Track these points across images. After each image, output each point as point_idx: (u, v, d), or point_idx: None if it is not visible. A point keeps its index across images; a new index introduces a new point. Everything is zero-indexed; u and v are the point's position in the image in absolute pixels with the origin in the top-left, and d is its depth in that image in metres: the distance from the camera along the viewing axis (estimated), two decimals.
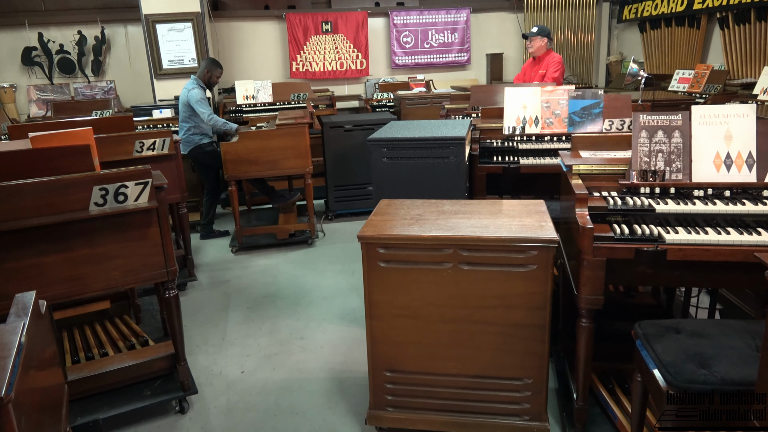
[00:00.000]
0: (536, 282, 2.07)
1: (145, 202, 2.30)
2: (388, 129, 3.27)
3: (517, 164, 3.34)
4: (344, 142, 5.35)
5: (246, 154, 4.53)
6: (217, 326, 3.50)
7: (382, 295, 2.19)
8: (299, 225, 4.91)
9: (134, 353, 2.70)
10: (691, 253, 1.92)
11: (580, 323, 2.10)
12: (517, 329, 2.13)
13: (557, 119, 3.62)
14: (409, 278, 2.16)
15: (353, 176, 5.45)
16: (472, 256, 2.09)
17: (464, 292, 2.13)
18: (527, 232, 2.06)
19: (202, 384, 2.86)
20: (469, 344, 2.19)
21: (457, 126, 3.25)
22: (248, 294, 3.95)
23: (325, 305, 3.70)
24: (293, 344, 3.24)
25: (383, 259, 2.15)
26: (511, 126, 3.65)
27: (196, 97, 4.80)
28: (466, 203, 2.49)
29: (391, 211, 2.41)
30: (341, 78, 7.77)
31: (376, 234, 2.13)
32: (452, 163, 2.96)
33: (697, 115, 2.23)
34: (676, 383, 1.49)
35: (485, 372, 2.21)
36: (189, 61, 6.64)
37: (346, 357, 3.07)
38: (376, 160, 3.03)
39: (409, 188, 3.02)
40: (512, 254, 2.06)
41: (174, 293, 2.49)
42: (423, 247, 2.11)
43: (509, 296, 2.10)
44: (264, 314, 3.63)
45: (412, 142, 2.96)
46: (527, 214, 2.30)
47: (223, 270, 4.43)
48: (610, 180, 2.35)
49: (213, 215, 5.20)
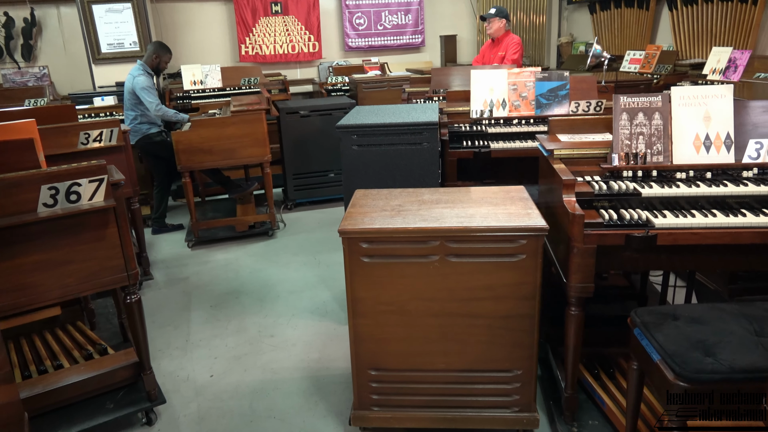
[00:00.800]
0: (526, 272, 2.01)
1: (101, 200, 2.09)
2: (355, 115, 3.13)
3: (488, 149, 3.27)
4: (302, 128, 5.16)
5: (200, 143, 4.29)
6: (180, 327, 3.30)
7: (365, 292, 2.08)
8: (259, 216, 4.71)
9: (93, 363, 2.49)
10: (680, 237, 1.90)
11: (570, 311, 2.06)
12: (506, 321, 2.07)
13: (524, 102, 3.58)
14: (395, 273, 2.05)
15: (312, 164, 5.28)
16: (459, 247, 2.00)
17: (452, 285, 2.05)
18: (515, 221, 1.99)
19: (168, 391, 2.68)
20: (457, 338, 2.11)
21: (427, 110, 3.15)
22: (210, 291, 3.76)
23: (293, 299, 3.56)
24: (263, 343, 3.09)
25: (366, 253, 2.03)
26: (479, 109, 3.59)
27: (141, 84, 4.50)
28: (446, 191, 2.40)
29: (368, 202, 2.29)
30: (293, 61, 7.52)
31: (358, 228, 2.01)
32: (426, 149, 2.86)
33: (677, 96, 2.21)
34: (684, 374, 1.46)
35: (474, 366, 2.15)
36: (130, 44, 6.26)
37: (321, 354, 2.95)
38: (346, 147, 2.90)
39: (382, 176, 2.91)
40: (501, 244, 1.99)
41: (136, 298, 2.30)
42: (408, 240, 2.01)
43: (498, 287, 2.04)
44: (229, 312, 3.45)
45: (383, 129, 2.84)
46: (510, 201, 2.23)
47: (180, 266, 4.20)
48: (591, 164, 2.31)
49: (165, 208, 4.93)
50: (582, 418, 2.23)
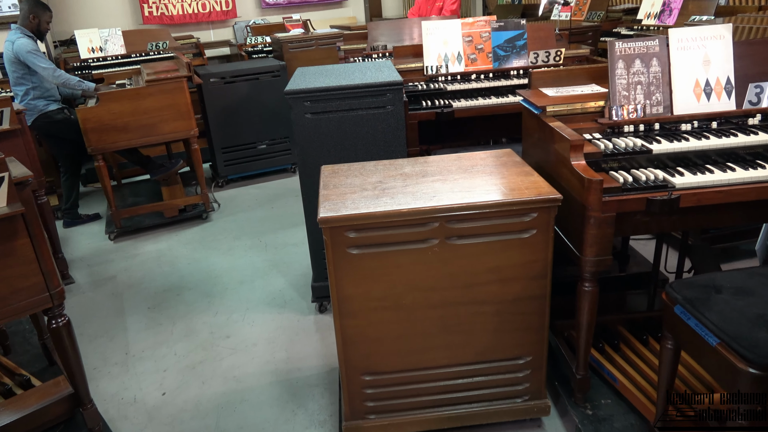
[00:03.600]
0: (536, 248, 1.76)
1: (4, 206, 1.61)
2: (301, 78, 2.72)
3: (451, 108, 2.98)
4: (227, 96, 4.63)
5: (112, 120, 3.70)
6: (116, 338, 2.84)
7: (354, 288, 1.76)
8: (189, 198, 4.20)
9: (15, 402, 2.03)
10: (704, 197, 1.72)
11: (583, 287, 1.85)
12: (515, 304, 1.83)
13: (481, 55, 3.30)
14: (388, 263, 1.74)
15: (242, 135, 4.78)
16: (462, 227, 1.72)
17: (454, 271, 1.77)
18: (524, 193, 1.73)
19: (114, 419, 2.26)
20: (461, 329, 1.86)
21: (383, 69, 2.79)
22: (144, 290, 3.28)
23: (244, 291, 3.17)
24: (219, 346, 2.70)
25: (355, 244, 1.70)
26: (433, 65, 3.27)
27: (26, 47, 3.75)
28: (428, 161, 2.09)
29: (342, 180, 1.95)
30: (205, 21, 6.81)
31: (342, 214, 1.67)
32: (390, 113, 2.52)
33: (675, 40, 2.01)
34: (757, 359, 1.27)
35: (480, 357, 1.90)
36: (9, 7, 5.36)
37: (288, 352, 2.61)
38: (298, 116, 2.50)
39: (342, 147, 2.55)
40: (509, 219, 1.72)
41: (64, 321, 1.85)
42: (404, 223, 1.69)
43: (505, 268, 1.78)
44: (171, 313, 3.02)
45: (340, 92, 2.47)
46: (505, 167, 1.97)
47: (104, 263, 3.66)
48: (587, 120, 2.08)
49: (77, 197, 4.29)
50: (593, 397, 2.06)
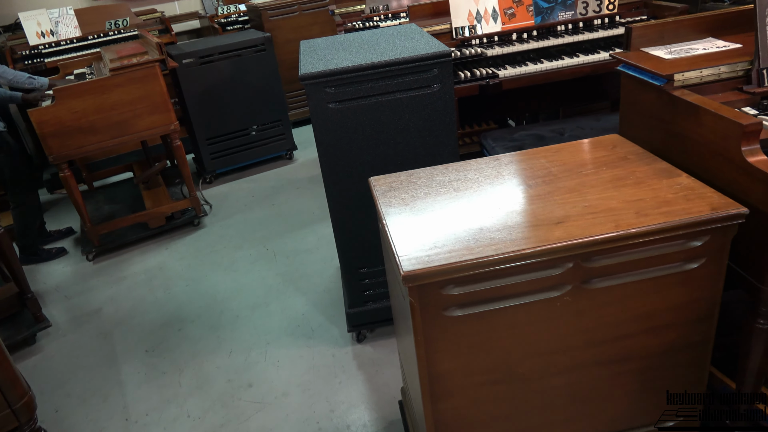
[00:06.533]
0: (703, 283, 1.25)
1: None
2: (311, 56, 2.12)
3: (497, 78, 2.41)
4: (206, 78, 3.97)
5: (74, 121, 3.06)
6: (110, 397, 2.29)
7: (452, 362, 1.24)
8: (177, 203, 3.58)
9: None
10: None
11: (757, 325, 1.35)
12: (667, 357, 1.33)
13: (520, 8, 2.71)
14: (499, 324, 1.22)
15: (227, 123, 4.14)
16: (604, 266, 1.19)
17: (589, 325, 1.25)
18: (687, 208, 1.20)
19: None
20: (592, 396, 1.35)
21: (414, 35, 2.20)
22: (138, 326, 2.72)
23: (260, 319, 2.63)
24: (241, 400, 2.18)
25: (457, 303, 1.17)
26: (464, 26, 2.68)
27: None
28: (512, 161, 1.54)
29: (408, 201, 1.39)
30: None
31: (441, 265, 1.12)
32: (436, 93, 1.94)
33: None
34: None
35: (615, 426, 1.41)
36: None
37: (330, 402, 2.10)
38: (318, 107, 1.92)
39: (376, 143, 1.98)
40: (669, 248, 1.20)
41: None
42: (526, 269, 1.16)
43: (658, 314, 1.27)
44: (175, 357, 2.47)
45: (373, 72, 1.88)
46: (631, 164, 1.43)
47: (84, 292, 3.07)
48: (725, 90, 1.54)
49: (33, 229, 3.42)
50: None
